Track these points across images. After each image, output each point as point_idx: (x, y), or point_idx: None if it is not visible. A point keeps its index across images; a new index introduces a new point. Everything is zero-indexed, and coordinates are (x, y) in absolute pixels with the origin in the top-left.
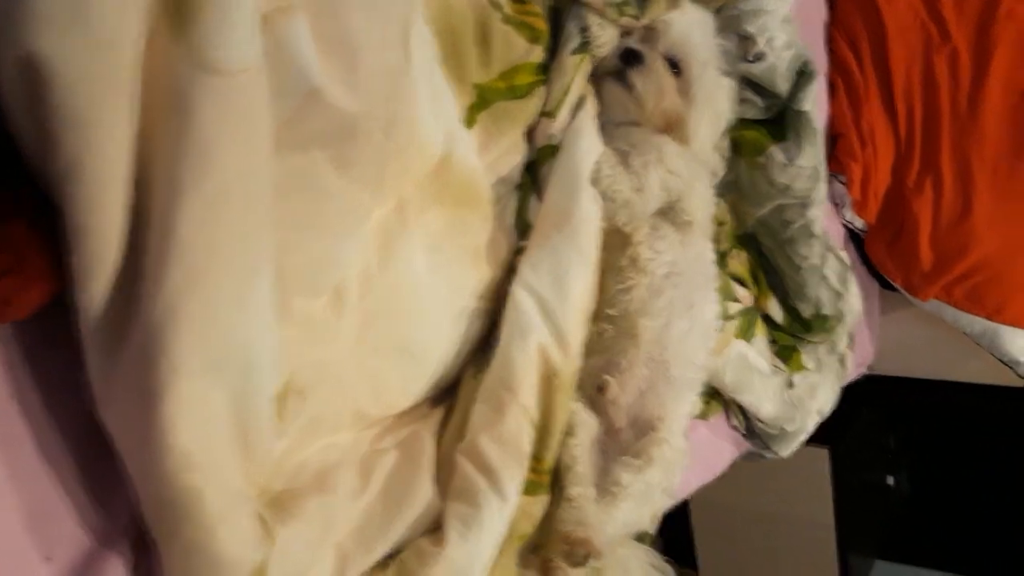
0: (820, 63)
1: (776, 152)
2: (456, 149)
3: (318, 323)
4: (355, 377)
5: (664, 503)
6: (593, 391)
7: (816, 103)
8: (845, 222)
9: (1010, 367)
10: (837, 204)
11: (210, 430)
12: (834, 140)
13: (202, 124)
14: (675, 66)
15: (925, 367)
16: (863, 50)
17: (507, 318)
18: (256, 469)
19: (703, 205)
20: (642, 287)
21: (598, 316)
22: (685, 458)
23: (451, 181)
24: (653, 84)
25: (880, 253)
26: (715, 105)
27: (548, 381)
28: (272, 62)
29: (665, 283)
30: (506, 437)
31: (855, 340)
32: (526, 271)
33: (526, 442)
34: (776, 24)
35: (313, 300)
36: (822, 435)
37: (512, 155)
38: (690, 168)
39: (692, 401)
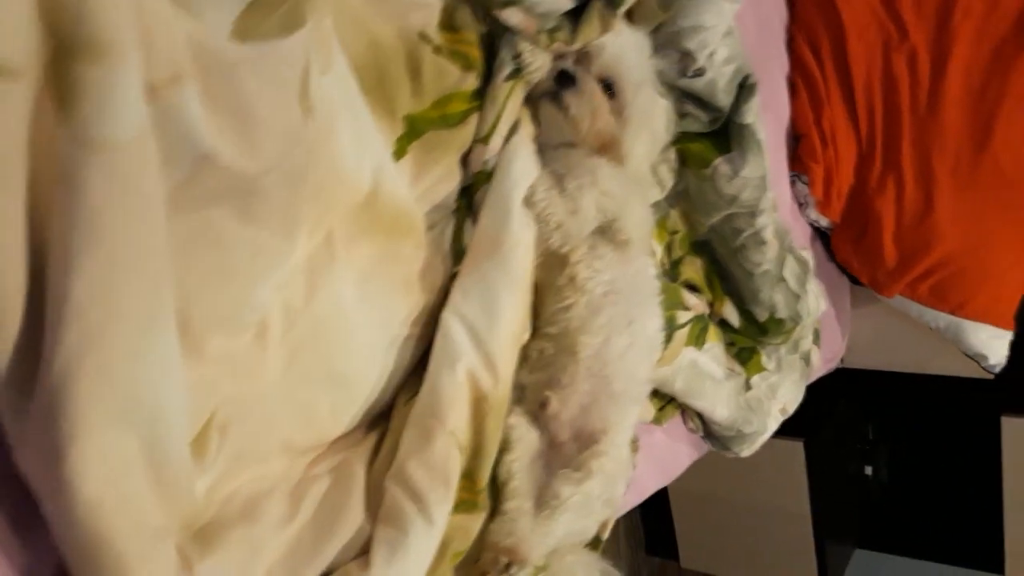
0: (781, 64)
1: (721, 164)
2: (384, 182)
3: (242, 359)
4: (283, 408)
5: (607, 513)
6: (536, 407)
7: (760, 115)
8: (811, 221)
9: (975, 360)
10: (801, 204)
11: (123, 477)
12: (796, 140)
13: (89, 196)
14: (609, 88)
15: (899, 360)
16: (823, 50)
17: (437, 345)
18: (177, 507)
19: (639, 224)
20: (581, 305)
21: (539, 334)
22: (629, 469)
23: (381, 213)
24: (587, 105)
25: (846, 251)
26: (650, 125)
27: (478, 405)
28: (160, 131)
29: (604, 301)
30: (433, 463)
31: (821, 337)
32: (457, 298)
33: (454, 467)
34: (716, 39)
35: (234, 339)
36: (797, 428)
37: (446, 182)
38: (625, 189)
39: (636, 413)
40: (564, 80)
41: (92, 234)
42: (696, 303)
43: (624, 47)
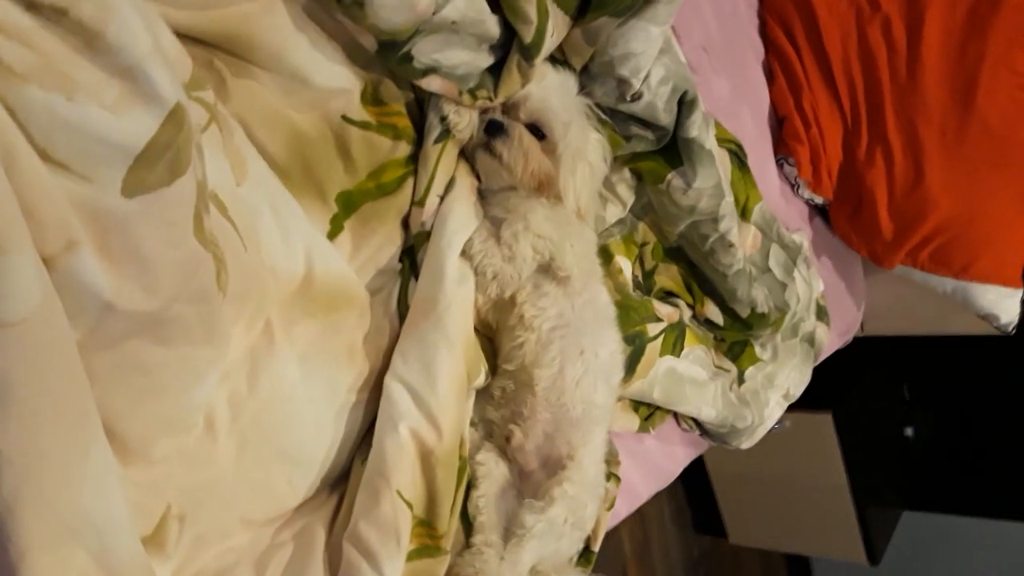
0: (755, 51)
1: (674, 179)
2: (318, 264)
3: (193, 452)
4: (240, 489)
5: (578, 535)
6: (502, 441)
7: (704, 127)
8: (806, 200)
9: (987, 320)
10: (793, 185)
11: None
12: (780, 123)
13: (0, 365)
14: (538, 130)
15: (919, 323)
16: (797, 32)
17: (381, 409)
18: None
19: (580, 258)
20: (531, 342)
21: (500, 372)
22: (599, 488)
23: (317, 294)
24: (518, 150)
25: (844, 227)
26: (585, 158)
27: (426, 460)
28: (63, 292)
29: (553, 335)
30: (382, 521)
31: (829, 313)
32: (397, 362)
33: (404, 522)
34: (648, 63)
35: (181, 437)
36: (824, 401)
37: (388, 247)
38: (560, 228)
39: (602, 433)
40: (493, 130)
41: (8, 399)
42: (669, 312)
43: (548, 90)
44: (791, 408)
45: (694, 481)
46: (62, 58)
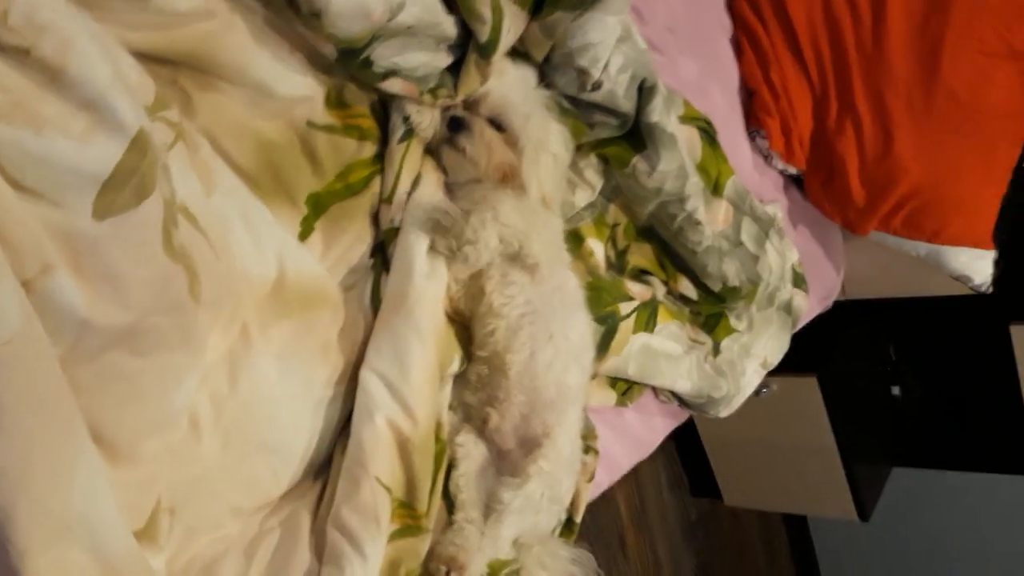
0: (723, 28)
1: (639, 162)
2: (289, 266)
3: (180, 450)
4: (227, 481)
5: (556, 508)
6: (480, 423)
7: (665, 111)
8: (780, 171)
9: (961, 281)
10: (766, 157)
11: None
12: (750, 97)
13: None
14: (500, 125)
15: (899, 286)
16: (763, 6)
17: (358, 400)
18: None
19: (548, 245)
20: (501, 329)
21: (475, 359)
22: (575, 463)
23: (291, 295)
24: (480, 144)
25: (817, 195)
26: (547, 149)
27: (403, 447)
28: (42, 313)
29: (522, 321)
30: (363, 506)
31: (807, 279)
32: (371, 355)
33: (383, 506)
34: (607, 52)
35: (167, 437)
36: (809, 363)
37: (358, 245)
38: (527, 217)
39: (577, 412)
40: (456, 125)
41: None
42: (640, 291)
43: (507, 85)
44: (776, 372)
45: (688, 446)
46: (29, 94)
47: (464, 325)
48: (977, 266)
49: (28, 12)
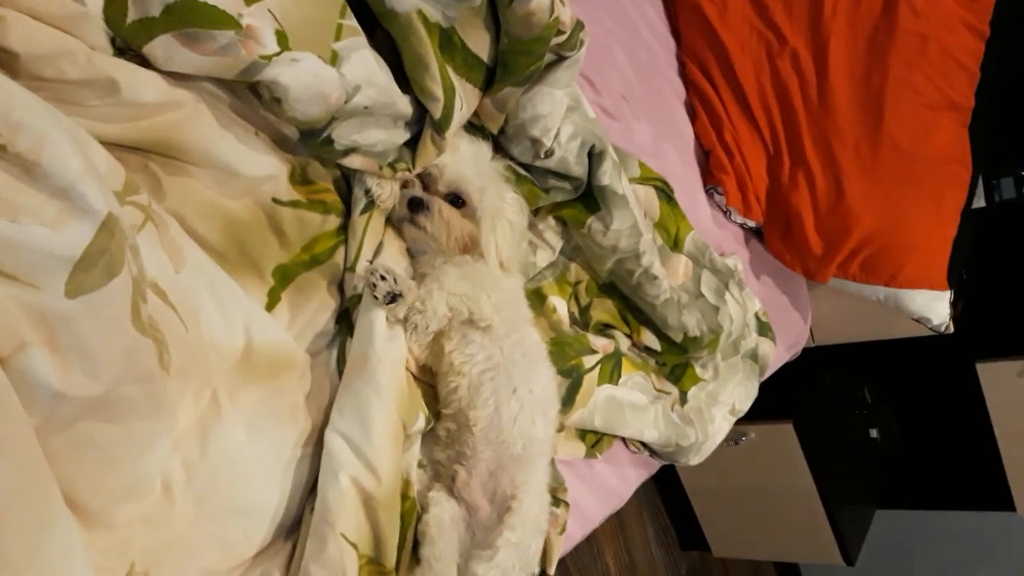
0: (676, 92)
1: (594, 223)
2: (256, 335)
3: (153, 515)
4: (199, 544)
5: (528, 571)
6: (449, 481)
7: (615, 174)
8: (740, 224)
9: (921, 323)
10: (724, 212)
11: None
12: (706, 156)
13: None
14: (457, 199)
15: (865, 330)
16: (713, 71)
17: (323, 461)
18: None
19: (502, 306)
20: (463, 386)
21: (443, 416)
22: (542, 523)
23: (258, 363)
24: (440, 222)
25: (777, 246)
26: (504, 217)
27: (368, 504)
28: (17, 387)
29: (483, 377)
30: (330, 563)
31: (774, 327)
32: (334, 416)
33: (350, 563)
34: (556, 122)
35: (141, 503)
36: (784, 410)
37: (323, 312)
38: (475, 283)
39: (545, 466)
40: (416, 206)
41: None
42: (604, 344)
43: (462, 160)
44: (754, 420)
45: (673, 499)
46: (7, 186)
47: (431, 384)
48: (934, 307)
49: (4, 111)
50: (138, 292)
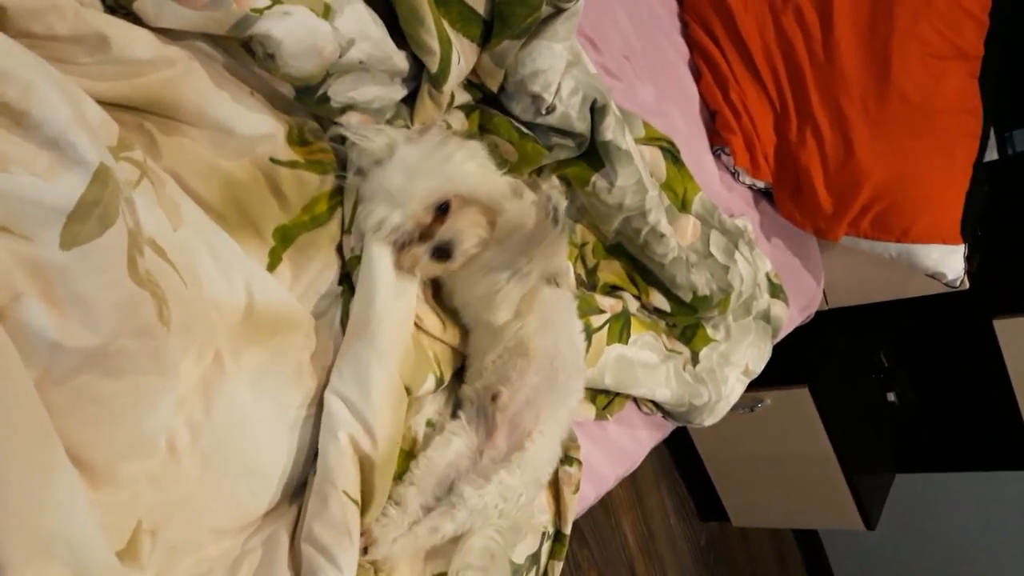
0: (680, 53)
1: (598, 180)
2: (258, 294)
3: (160, 474)
4: (206, 504)
5: (512, 534)
6: (488, 400)
7: (619, 129)
8: (749, 186)
9: (936, 279)
10: (733, 173)
11: None
12: (712, 117)
13: None
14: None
15: (879, 290)
16: (716, 30)
17: (323, 422)
18: None
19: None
20: (533, 322)
21: (492, 352)
22: (543, 477)
23: (261, 322)
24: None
25: (787, 206)
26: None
27: (364, 464)
28: (15, 338)
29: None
30: (333, 521)
31: (786, 289)
32: (334, 378)
33: (353, 518)
34: (557, 77)
35: (146, 461)
36: (800, 375)
37: (326, 272)
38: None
39: (568, 411)
40: (442, 254)
41: None
42: (612, 304)
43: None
44: (769, 385)
45: (691, 470)
46: None
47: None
48: (949, 261)
49: None
50: (134, 245)
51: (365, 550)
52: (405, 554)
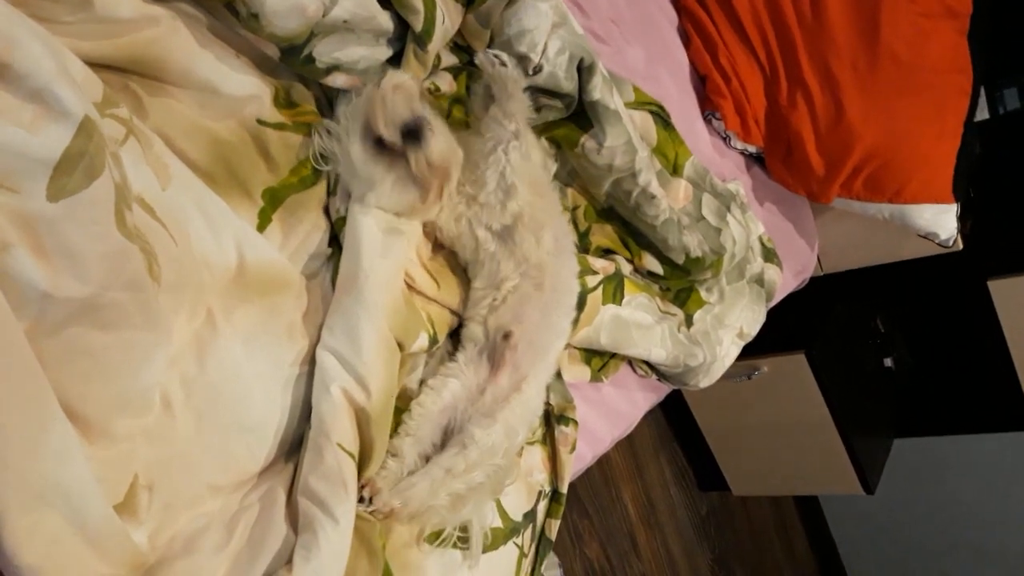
0: (669, 18)
1: (587, 141)
2: (248, 253)
3: (154, 429)
4: (203, 459)
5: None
6: (499, 338)
7: (606, 89)
8: (740, 151)
9: (929, 239)
10: (724, 138)
11: (55, 544)
12: (702, 82)
13: None
14: None
15: (874, 254)
16: None
17: (316, 377)
18: (118, 556)
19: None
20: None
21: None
22: (533, 420)
23: (252, 281)
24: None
25: (779, 170)
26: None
27: (359, 416)
28: (4, 288)
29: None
30: (328, 472)
31: (780, 252)
32: (325, 335)
33: (349, 470)
34: (543, 36)
35: (141, 417)
36: (796, 341)
37: (315, 234)
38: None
39: (555, 356)
40: (413, 135)
41: None
42: (604, 265)
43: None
44: (765, 352)
45: (690, 441)
46: None
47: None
48: (941, 221)
49: None
50: (122, 199)
51: (369, 500)
52: (422, 496)
